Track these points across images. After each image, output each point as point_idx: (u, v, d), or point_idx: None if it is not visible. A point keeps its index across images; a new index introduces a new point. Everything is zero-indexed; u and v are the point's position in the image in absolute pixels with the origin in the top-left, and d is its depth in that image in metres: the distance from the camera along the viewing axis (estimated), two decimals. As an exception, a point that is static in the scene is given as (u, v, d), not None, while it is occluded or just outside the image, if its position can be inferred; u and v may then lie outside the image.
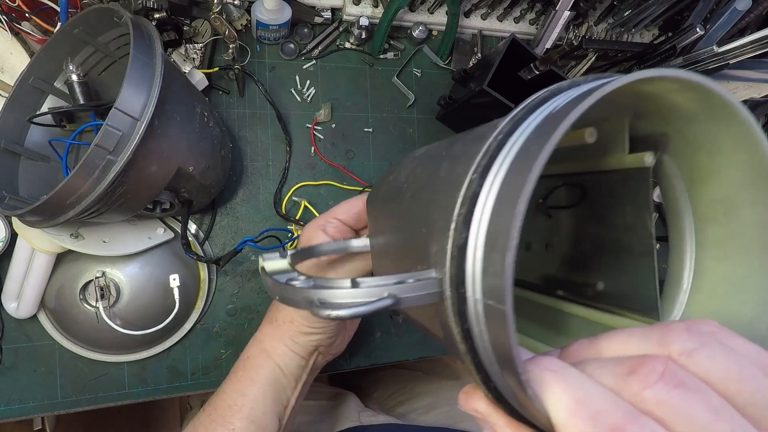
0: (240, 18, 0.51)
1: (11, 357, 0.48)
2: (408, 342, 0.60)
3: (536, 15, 0.62)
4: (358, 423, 0.60)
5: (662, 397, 0.14)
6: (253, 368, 0.40)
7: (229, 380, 0.41)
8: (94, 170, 0.32)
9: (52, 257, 0.46)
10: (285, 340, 0.40)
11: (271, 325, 0.40)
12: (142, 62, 0.33)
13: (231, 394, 0.39)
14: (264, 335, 0.41)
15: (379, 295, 0.18)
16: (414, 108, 0.61)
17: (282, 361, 0.40)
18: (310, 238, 0.37)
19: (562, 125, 0.15)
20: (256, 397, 0.39)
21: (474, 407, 0.19)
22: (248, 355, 0.41)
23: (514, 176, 0.16)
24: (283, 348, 0.40)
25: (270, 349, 0.40)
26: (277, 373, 0.39)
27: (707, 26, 0.55)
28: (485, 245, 0.16)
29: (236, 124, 0.55)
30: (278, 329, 0.40)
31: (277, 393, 0.40)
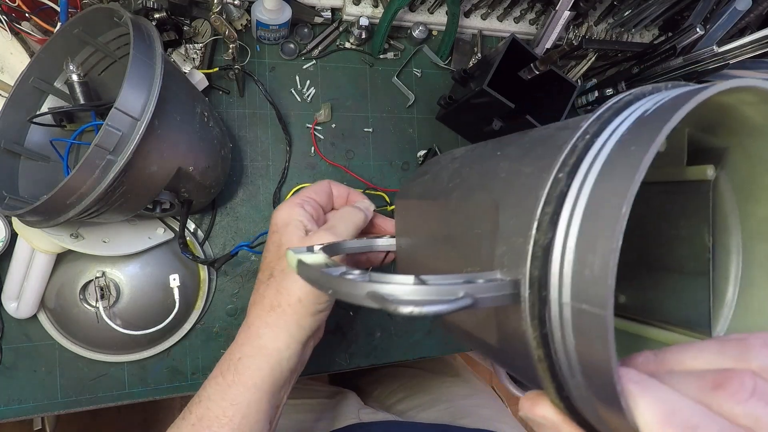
0: (240, 18, 0.51)
1: (11, 357, 0.48)
2: (408, 342, 0.60)
3: (536, 15, 0.62)
4: (358, 420, 0.60)
5: (757, 413, 0.14)
6: (248, 371, 0.34)
7: (217, 385, 0.35)
8: (94, 170, 0.32)
9: (52, 257, 0.46)
10: (290, 327, 0.35)
11: (273, 312, 0.36)
12: (142, 62, 0.33)
13: (219, 402, 0.34)
14: (263, 327, 0.36)
15: (451, 294, 0.17)
16: (414, 108, 0.61)
17: (282, 357, 0.35)
18: (290, 214, 0.37)
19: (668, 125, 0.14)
20: (250, 404, 0.34)
21: (541, 414, 0.18)
22: (241, 354, 0.35)
23: (612, 176, 0.15)
24: (286, 338, 0.35)
25: (270, 345, 0.35)
26: (276, 374, 0.35)
27: (707, 26, 0.55)
28: (578, 247, 0.15)
29: (236, 124, 0.55)
30: (283, 315, 0.35)
31: (273, 396, 0.36)
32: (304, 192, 0.40)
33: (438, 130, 0.62)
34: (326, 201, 0.41)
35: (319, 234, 0.35)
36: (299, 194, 0.39)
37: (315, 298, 0.35)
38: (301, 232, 0.36)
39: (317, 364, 0.57)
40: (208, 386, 0.35)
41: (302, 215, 0.37)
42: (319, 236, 0.35)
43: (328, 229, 0.36)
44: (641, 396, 0.15)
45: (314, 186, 0.41)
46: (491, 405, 0.69)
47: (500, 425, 0.61)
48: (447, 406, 0.67)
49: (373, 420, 0.61)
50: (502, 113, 0.51)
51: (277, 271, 0.36)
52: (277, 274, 0.36)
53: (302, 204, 0.38)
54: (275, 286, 0.35)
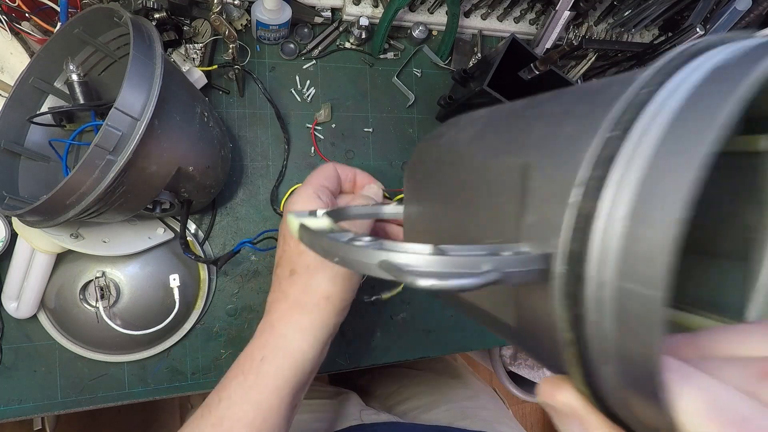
0: (240, 18, 0.51)
1: (11, 357, 0.48)
2: (408, 342, 0.60)
3: (536, 15, 0.62)
4: (360, 421, 0.60)
5: None
6: (271, 373, 0.33)
7: (239, 386, 0.34)
8: (94, 170, 0.32)
9: (52, 257, 0.46)
10: (315, 327, 0.34)
11: (298, 311, 0.34)
12: (142, 62, 0.33)
13: (241, 404, 0.33)
14: (287, 327, 0.34)
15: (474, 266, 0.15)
16: (414, 108, 0.61)
17: (306, 358, 0.34)
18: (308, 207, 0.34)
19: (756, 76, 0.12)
20: (272, 407, 0.33)
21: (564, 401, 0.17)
22: (263, 355, 0.34)
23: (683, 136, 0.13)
24: (311, 339, 0.34)
25: (294, 345, 0.34)
26: (298, 376, 0.34)
27: (707, 26, 0.55)
28: (631, 216, 0.13)
29: (236, 124, 0.55)
30: (309, 314, 0.34)
31: (294, 398, 0.35)
32: (315, 179, 0.37)
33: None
34: (336, 187, 0.39)
35: None
36: (310, 181, 0.37)
37: (342, 293, 0.34)
38: None
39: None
40: (228, 386, 0.34)
41: (319, 206, 0.35)
42: None
43: None
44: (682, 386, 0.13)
45: (322, 171, 0.38)
46: (492, 407, 0.70)
47: (501, 427, 0.61)
48: (448, 407, 0.67)
49: (375, 421, 0.60)
50: (502, 113, 0.51)
51: (301, 267, 0.34)
52: (300, 270, 0.34)
53: (318, 194, 0.36)
54: (301, 284, 0.34)
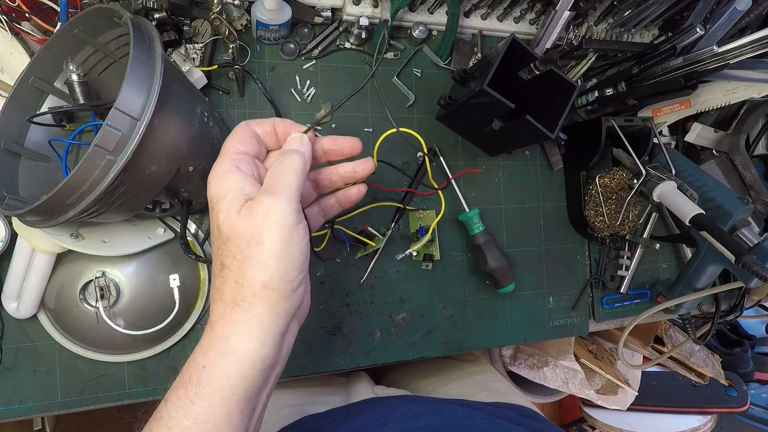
0: (240, 18, 0.51)
1: (11, 357, 0.48)
2: (408, 342, 0.60)
3: (536, 15, 0.62)
4: (374, 395, 0.59)
5: None
6: (215, 382, 0.29)
7: (178, 399, 0.30)
8: (94, 170, 0.32)
9: (52, 257, 0.46)
10: (262, 321, 0.30)
11: (237, 308, 0.30)
12: (142, 62, 0.33)
13: (181, 421, 0.29)
14: (228, 327, 0.30)
15: None
16: (414, 108, 0.61)
17: (257, 358, 0.30)
18: (224, 183, 0.31)
19: None
20: (217, 420, 0.29)
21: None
22: (205, 362, 0.30)
23: None
24: (259, 335, 0.30)
25: (240, 346, 0.29)
26: (249, 379, 0.30)
27: (707, 26, 0.55)
28: None
29: (236, 124, 0.54)
30: (250, 309, 0.29)
31: (247, 405, 0.30)
32: (228, 146, 0.33)
33: (438, 130, 0.62)
34: (257, 148, 0.35)
35: (259, 201, 0.30)
36: (224, 151, 0.33)
37: (282, 276, 0.29)
38: (240, 202, 0.30)
39: (317, 364, 0.57)
40: (169, 400, 0.30)
41: (239, 180, 0.31)
42: (260, 203, 0.29)
43: (269, 193, 0.30)
44: None
45: (235, 135, 0.33)
46: (501, 380, 0.70)
47: (514, 397, 0.61)
48: (460, 383, 0.67)
49: (389, 395, 0.60)
50: (502, 113, 0.51)
51: (228, 259, 0.30)
52: (228, 262, 0.30)
53: (236, 164, 0.32)
54: (232, 278, 0.30)
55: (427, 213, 0.59)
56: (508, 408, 0.56)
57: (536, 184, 0.67)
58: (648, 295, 0.72)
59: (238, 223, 0.29)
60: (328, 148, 0.37)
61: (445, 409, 0.49)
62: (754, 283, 0.56)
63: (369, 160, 0.39)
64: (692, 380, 1.11)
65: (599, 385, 1.08)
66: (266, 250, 0.29)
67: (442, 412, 0.48)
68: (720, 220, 0.58)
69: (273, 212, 0.29)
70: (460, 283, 0.63)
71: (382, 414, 0.49)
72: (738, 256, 0.51)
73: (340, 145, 0.37)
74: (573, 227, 0.69)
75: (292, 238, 0.29)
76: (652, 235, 0.70)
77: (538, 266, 0.67)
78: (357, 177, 0.39)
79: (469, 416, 0.48)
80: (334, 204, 0.40)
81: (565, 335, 0.69)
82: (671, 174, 0.61)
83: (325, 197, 0.41)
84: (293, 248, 0.30)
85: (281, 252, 0.29)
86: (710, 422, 1.24)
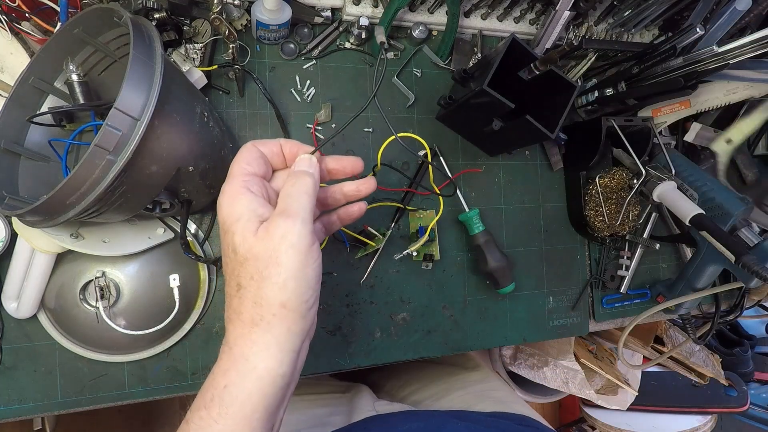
0: (240, 18, 0.51)
1: (11, 357, 0.48)
2: (408, 342, 0.60)
3: (536, 15, 0.62)
4: (375, 413, 0.60)
5: None
6: (237, 402, 0.30)
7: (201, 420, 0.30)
8: (94, 170, 0.32)
9: (52, 257, 0.46)
10: (280, 340, 0.31)
11: (256, 328, 0.31)
12: (142, 62, 0.33)
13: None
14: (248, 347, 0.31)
15: None
16: (414, 108, 0.61)
17: (276, 375, 0.31)
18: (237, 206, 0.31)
19: None
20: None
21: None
22: (226, 382, 0.30)
23: None
24: (278, 354, 0.31)
25: (260, 365, 0.30)
26: (270, 397, 0.31)
27: (707, 26, 0.55)
28: None
29: (236, 124, 0.55)
30: (269, 329, 0.30)
31: (267, 422, 0.31)
32: (236, 168, 0.33)
33: (438, 130, 0.62)
34: (265, 169, 0.35)
35: (275, 223, 0.30)
36: (232, 173, 0.33)
37: (299, 296, 0.30)
38: (255, 224, 0.31)
39: (317, 365, 0.57)
40: (191, 421, 0.30)
41: (250, 201, 0.32)
42: (276, 225, 0.30)
43: (285, 215, 0.30)
44: None
45: (242, 156, 0.34)
46: (502, 388, 0.70)
47: (516, 406, 0.61)
48: (461, 393, 0.67)
49: (390, 411, 0.60)
50: (502, 113, 0.51)
51: (245, 279, 0.31)
52: (245, 282, 0.31)
53: (246, 186, 0.32)
54: (250, 298, 0.30)
55: (427, 213, 0.59)
56: (509, 418, 0.56)
57: (536, 184, 0.67)
58: (648, 295, 0.72)
59: (255, 244, 0.30)
60: (332, 168, 0.38)
61: (445, 425, 0.49)
62: (754, 283, 0.56)
63: (371, 180, 0.40)
64: (692, 380, 1.11)
65: (599, 385, 1.08)
66: (284, 272, 0.30)
67: (442, 428, 0.49)
68: (720, 221, 0.58)
69: (290, 234, 0.30)
70: (460, 283, 0.63)
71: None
72: (738, 256, 0.51)
73: (343, 165, 0.39)
74: (573, 227, 0.69)
75: (307, 259, 0.30)
76: (652, 235, 0.70)
77: (538, 266, 0.67)
78: (360, 195, 0.40)
79: (469, 430, 0.48)
80: (335, 220, 0.41)
81: (565, 335, 0.69)
82: (671, 174, 0.61)
83: (327, 214, 0.41)
84: (309, 268, 0.31)
85: (298, 273, 0.30)
86: (710, 422, 1.24)
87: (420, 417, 0.55)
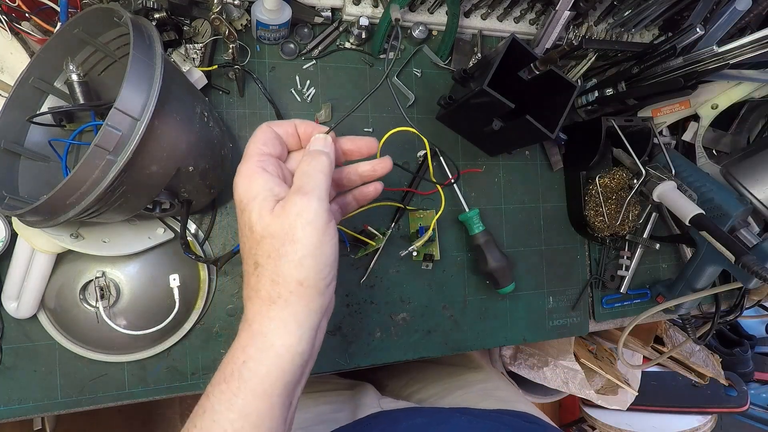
0: (240, 18, 0.51)
1: (11, 357, 0.48)
2: (408, 342, 0.60)
3: (536, 15, 0.62)
4: (380, 409, 0.60)
5: None
6: (256, 377, 0.30)
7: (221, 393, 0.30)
8: (94, 170, 0.32)
9: (52, 257, 0.46)
10: (298, 316, 0.31)
11: (274, 305, 0.30)
12: (142, 62, 0.33)
13: (226, 414, 0.30)
14: (266, 323, 0.31)
15: None
16: (414, 108, 0.61)
17: (295, 352, 0.31)
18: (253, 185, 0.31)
19: None
20: (260, 413, 0.30)
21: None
22: (245, 357, 0.31)
23: None
24: (296, 330, 0.31)
25: (278, 342, 0.30)
26: (288, 374, 0.31)
27: (707, 26, 0.55)
28: None
29: (236, 124, 0.55)
30: (287, 306, 0.30)
31: (286, 398, 0.31)
32: (252, 148, 0.33)
33: (438, 130, 0.62)
34: (280, 149, 0.35)
35: (291, 200, 0.30)
36: (248, 153, 0.33)
37: (317, 273, 0.30)
38: (271, 203, 0.31)
39: (317, 365, 0.56)
40: (211, 394, 0.31)
41: (266, 181, 0.32)
42: (293, 203, 0.30)
43: (300, 193, 0.30)
44: None
45: (258, 137, 0.34)
46: (505, 387, 0.70)
47: (519, 405, 0.61)
48: (464, 392, 0.67)
49: (395, 408, 0.60)
50: (502, 113, 0.51)
51: (263, 258, 0.31)
52: (263, 261, 0.31)
53: (263, 166, 0.32)
54: (268, 276, 0.30)
55: (427, 213, 0.59)
56: (512, 415, 0.56)
57: (536, 184, 0.67)
58: (648, 295, 0.72)
59: (272, 222, 0.30)
60: (347, 149, 0.38)
61: (449, 419, 0.49)
62: (754, 283, 0.56)
63: (387, 159, 0.39)
64: (692, 380, 1.11)
65: (599, 385, 1.08)
66: (301, 249, 0.30)
67: (446, 422, 0.49)
68: (719, 221, 0.58)
69: (305, 211, 0.30)
70: (460, 283, 0.63)
71: (387, 427, 0.50)
72: (738, 256, 0.51)
73: (358, 146, 0.38)
74: (573, 227, 0.69)
75: (324, 236, 0.30)
76: (652, 235, 0.70)
77: (538, 266, 0.67)
78: (375, 175, 0.39)
79: (473, 424, 0.48)
80: (351, 201, 0.41)
81: (565, 335, 0.69)
82: (671, 174, 0.61)
83: (342, 195, 0.41)
84: (326, 246, 0.30)
85: (315, 250, 0.30)
86: (710, 422, 1.24)
87: (424, 413, 0.55)
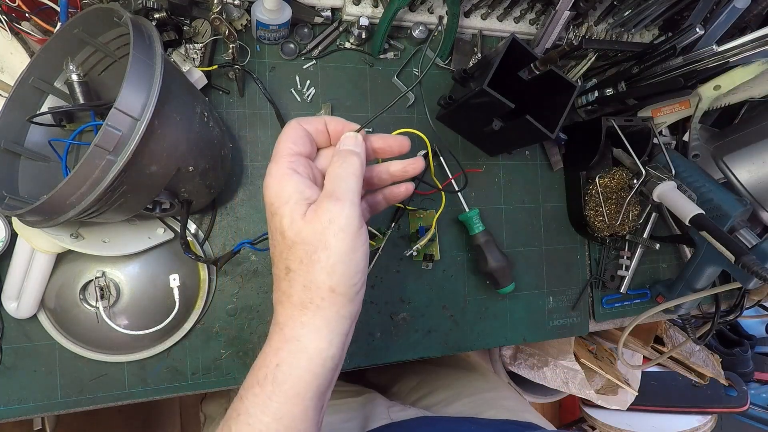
0: (240, 18, 0.51)
1: (11, 357, 0.48)
2: (408, 342, 0.60)
3: (536, 15, 0.62)
4: (389, 420, 0.59)
5: None
6: (290, 380, 0.30)
7: (255, 397, 0.31)
8: (94, 170, 0.32)
9: (52, 257, 0.46)
10: (330, 322, 0.31)
11: (306, 310, 0.31)
12: (142, 62, 0.33)
13: (261, 417, 0.30)
14: (299, 328, 0.31)
15: None
16: (414, 108, 0.61)
17: (327, 357, 0.31)
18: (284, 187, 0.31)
19: None
20: (294, 416, 0.30)
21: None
22: (278, 361, 0.31)
23: None
24: (328, 335, 0.31)
25: (310, 346, 0.31)
26: (320, 378, 0.31)
27: (707, 26, 0.55)
28: None
29: (236, 124, 0.55)
30: (319, 311, 0.31)
31: (319, 401, 0.32)
32: (282, 148, 0.32)
33: (438, 130, 0.62)
34: (310, 148, 0.34)
35: (324, 206, 0.30)
36: (278, 153, 0.32)
37: (348, 280, 0.30)
38: (303, 207, 0.30)
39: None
40: (244, 397, 0.31)
41: (298, 183, 0.31)
42: (325, 209, 0.30)
43: (333, 198, 0.30)
44: None
45: (288, 135, 0.33)
46: (512, 397, 0.70)
47: (525, 415, 0.61)
48: (471, 399, 0.67)
49: (404, 418, 0.60)
50: (502, 113, 0.51)
51: (294, 263, 0.31)
52: (294, 266, 0.31)
53: (293, 167, 0.32)
54: (300, 281, 0.30)
55: (427, 213, 0.59)
56: (518, 425, 0.56)
57: (536, 184, 0.67)
58: (648, 295, 0.72)
59: (304, 228, 0.30)
60: (378, 147, 0.37)
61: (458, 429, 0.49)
62: (753, 283, 0.56)
63: (420, 160, 0.38)
64: (692, 380, 1.11)
65: (599, 385, 1.08)
66: (333, 255, 0.29)
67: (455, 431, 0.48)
68: (718, 221, 0.58)
69: (338, 218, 0.29)
70: (460, 283, 0.63)
71: None
72: (738, 256, 0.51)
73: (389, 144, 0.37)
74: (573, 227, 0.69)
75: (356, 242, 0.30)
76: (652, 235, 0.70)
77: (538, 266, 0.67)
78: (407, 176, 0.39)
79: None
80: (381, 201, 0.40)
81: (565, 335, 0.69)
82: (671, 174, 0.61)
83: (372, 194, 0.40)
84: (357, 251, 0.30)
85: (346, 257, 0.30)
86: (710, 422, 1.24)
87: (434, 422, 0.55)
